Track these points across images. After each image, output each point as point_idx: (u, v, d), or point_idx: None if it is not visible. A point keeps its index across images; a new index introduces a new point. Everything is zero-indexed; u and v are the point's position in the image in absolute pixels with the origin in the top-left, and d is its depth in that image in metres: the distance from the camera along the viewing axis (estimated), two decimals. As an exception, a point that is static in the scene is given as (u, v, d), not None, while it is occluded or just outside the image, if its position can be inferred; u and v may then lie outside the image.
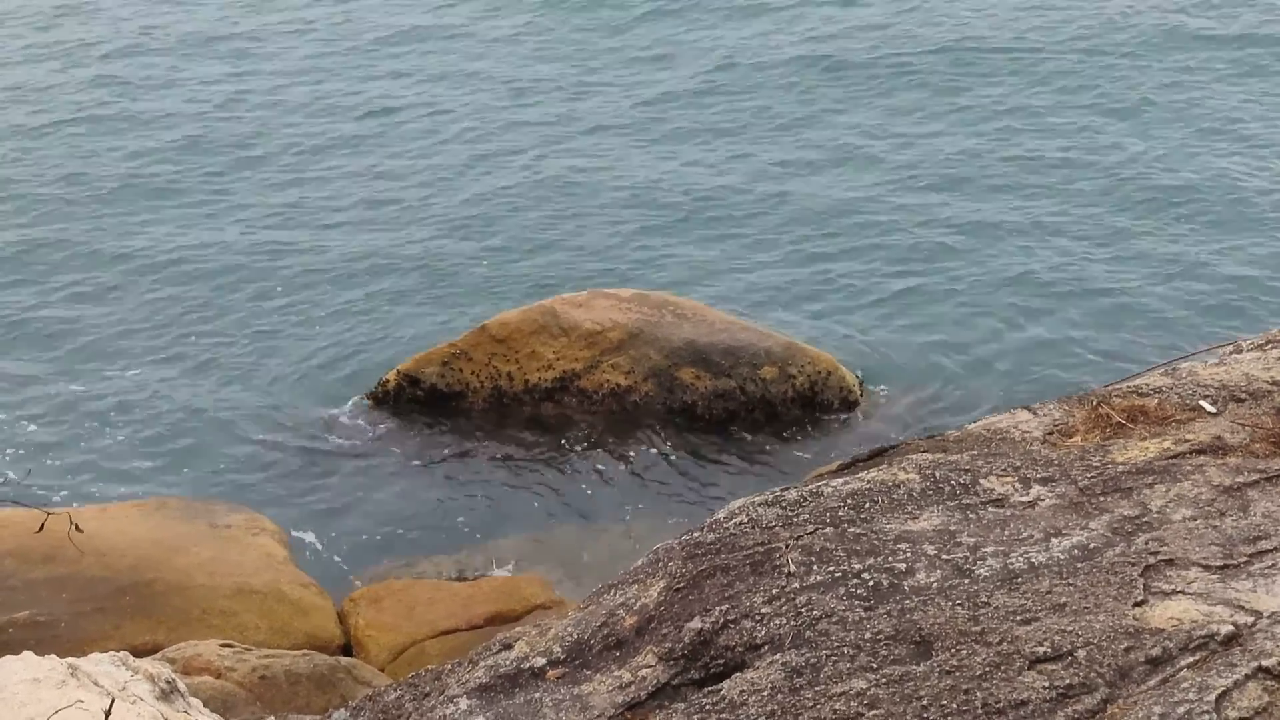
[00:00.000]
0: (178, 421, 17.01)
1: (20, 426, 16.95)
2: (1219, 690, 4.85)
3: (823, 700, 5.18)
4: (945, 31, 26.75)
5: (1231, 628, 5.15)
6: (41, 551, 12.00)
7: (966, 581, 5.63)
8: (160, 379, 17.84)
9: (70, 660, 6.38)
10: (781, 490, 6.69)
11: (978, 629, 5.32)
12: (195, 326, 18.91)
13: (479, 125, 24.36)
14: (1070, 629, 5.24)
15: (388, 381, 16.62)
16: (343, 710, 6.76)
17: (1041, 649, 5.16)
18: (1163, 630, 5.17)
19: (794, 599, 5.72)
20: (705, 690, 5.54)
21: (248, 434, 16.68)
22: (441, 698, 6.19)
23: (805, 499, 6.48)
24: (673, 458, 15.82)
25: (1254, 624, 5.17)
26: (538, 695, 5.87)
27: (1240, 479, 6.14)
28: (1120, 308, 18.33)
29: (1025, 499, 6.23)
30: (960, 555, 5.81)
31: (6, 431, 16.84)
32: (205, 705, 7.33)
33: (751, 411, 16.06)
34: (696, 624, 5.79)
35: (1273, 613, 5.21)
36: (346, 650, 12.15)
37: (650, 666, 5.73)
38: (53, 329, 18.97)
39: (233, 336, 18.65)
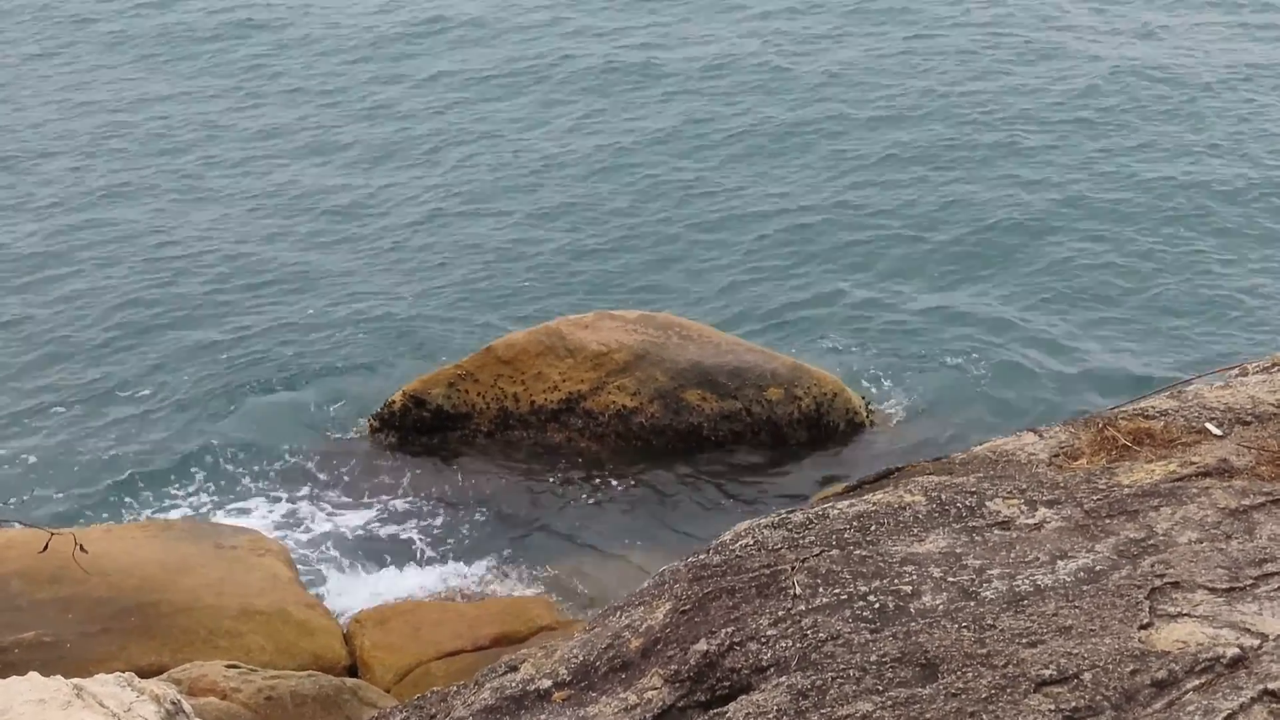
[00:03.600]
0: (183, 442, 17.03)
1: (24, 447, 16.97)
2: (1225, 713, 4.84)
3: (828, 723, 5.17)
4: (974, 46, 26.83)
5: (1237, 650, 5.14)
6: (48, 572, 12.00)
7: (972, 604, 5.63)
8: (163, 401, 17.86)
9: (76, 681, 6.38)
10: (787, 512, 6.68)
11: (984, 651, 5.32)
12: (196, 348, 18.93)
13: (487, 147, 24.40)
14: (1076, 651, 5.23)
15: (394, 402, 16.62)
16: (348, 732, 6.76)
17: (1047, 671, 5.16)
18: (1168, 653, 5.16)
19: (800, 621, 5.71)
20: (711, 713, 5.54)
21: (254, 455, 16.70)
22: (447, 719, 6.19)
23: (811, 521, 6.48)
24: (678, 479, 15.81)
25: (1260, 647, 5.16)
26: (543, 717, 5.87)
27: (1246, 502, 6.13)
28: (1126, 331, 18.34)
29: (1031, 521, 6.22)
30: (966, 578, 5.81)
31: (10, 452, 16.86)
32: (211, 726, 7.33)
33: (757, 433, 16.05)
34: (702, 646, 5.78)
35: (1279, 635, 5.20)
36: (352, 671, 12.15)
37: (656, 689, 5.73)
38: (54, 347, 18.99)
39: (237, 357, 18.67)
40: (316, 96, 26.68)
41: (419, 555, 14.95)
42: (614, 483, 15.77)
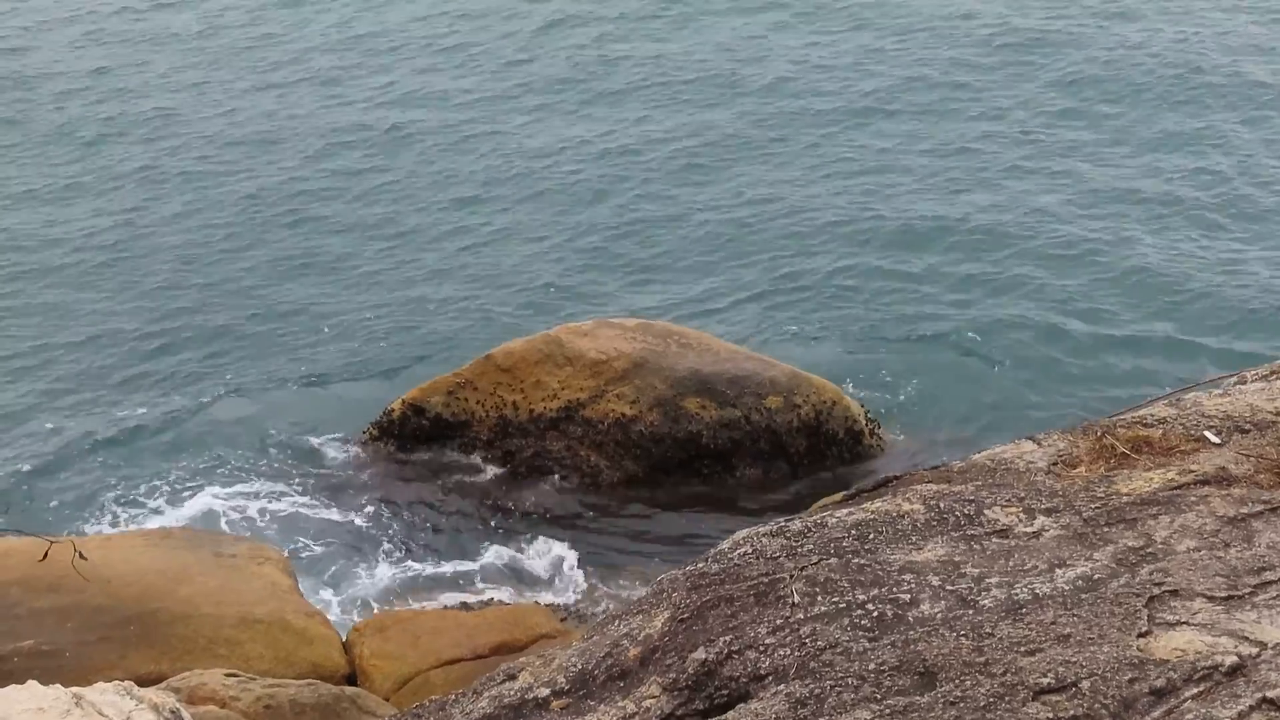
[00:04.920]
0: (181, 451, 17.03)
1: (21, 456, 16.96)
2: (1223, 722, 4.84)
3: (827, 731, 5.17)
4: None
5: (1236, 659, 5.13)
6: (47, 581, 11.98)
7: (971, 612, 5.62)
8: (161, 408, 17.86)
9: (75, 690, 6.38)
10: (786, 521, 6.67)
11: (982, 660, 5.31)
12: (195, 358, 18.93)
13: (485, 150, 24.41)
14: (1074, 660, 5.22)
15: (393, 411, 16.62)
16: (347, 740, 6.75)
17: (1046, 680, 5.15)
18: (1167, 661, 5.16)
19: (798, 629, 5.70)
20: (709, 721, 5.54)
21: (252, 463, 16.70)
22: (446, 728, 6.18)
23: (809, 529, 6.47)
24: (677, 488, 15.80)
25: (1258, 655, 5.15)
26: (542, 726, 5.86)
27: (1244, 510, 6.13)
28: (1124, 339, 18.34)
29: (1029, 530, 6.22)
30: (964, 586, 5.80)
31: (8, 461, 16.86)
32: (210, 735, 7.32)
33: (756, 441, 16.03)
34: (701, 654, 5.77)
35: (1277, 643, 5.20)
36: (351, 680, 12.13)
37: (654, 697, 5.72)
38: (53, 358, 18.99)
39: (235, 364, 18.68)
40: (317, 105, 26.70)
41: (418, 563, 14.95)
42: (612, 491, 15.76)
